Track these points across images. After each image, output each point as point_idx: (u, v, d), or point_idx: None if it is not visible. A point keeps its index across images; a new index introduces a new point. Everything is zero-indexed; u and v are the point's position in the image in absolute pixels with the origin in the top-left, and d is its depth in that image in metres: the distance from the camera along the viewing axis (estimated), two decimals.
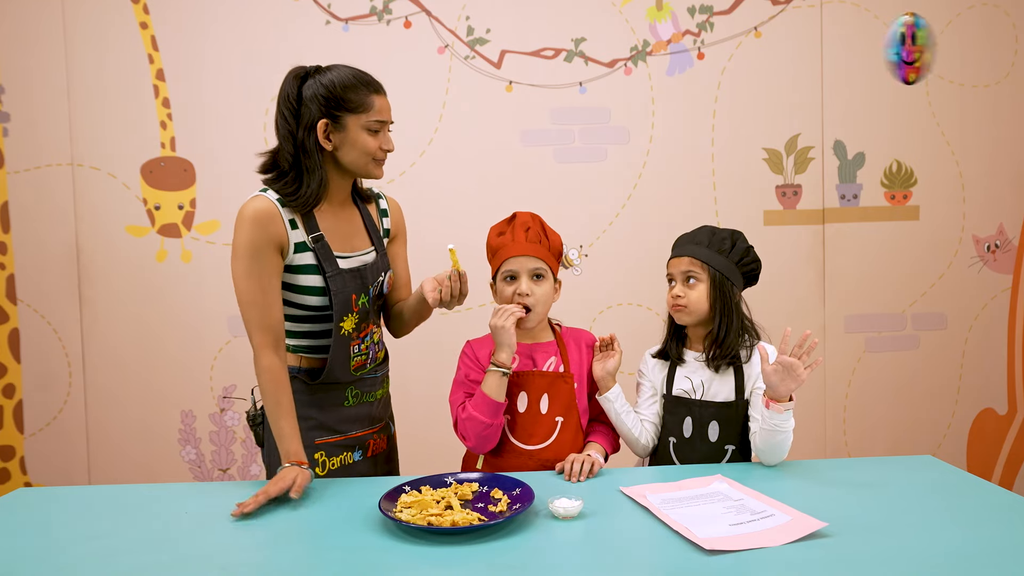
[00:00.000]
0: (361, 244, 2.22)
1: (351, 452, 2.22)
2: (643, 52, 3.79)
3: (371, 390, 2.27)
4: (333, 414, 2.19)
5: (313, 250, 2.09)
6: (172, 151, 3.69)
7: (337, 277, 2.10)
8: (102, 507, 1.92)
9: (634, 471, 2.14)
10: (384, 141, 2.12)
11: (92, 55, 3.66)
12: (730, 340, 2.17)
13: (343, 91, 2.07)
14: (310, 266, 2.09)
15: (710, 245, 2.20)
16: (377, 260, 2.22)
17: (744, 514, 1.74)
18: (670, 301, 2.22)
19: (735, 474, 2.04)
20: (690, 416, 2.19)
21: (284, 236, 2.06)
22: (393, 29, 3.71)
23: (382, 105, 2.11)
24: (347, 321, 2.13)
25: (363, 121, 2.09)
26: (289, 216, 2.07)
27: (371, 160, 2.12)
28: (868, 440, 3.96)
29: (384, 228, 2.33)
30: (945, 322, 3.96)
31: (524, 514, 1.77)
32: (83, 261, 3.69)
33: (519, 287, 2.15)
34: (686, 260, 2.20)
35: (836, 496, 1.87)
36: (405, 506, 1.77)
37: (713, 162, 3.83)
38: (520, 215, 2.21)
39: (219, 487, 2.08)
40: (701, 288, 2.18)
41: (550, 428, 2.17)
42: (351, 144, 2.09)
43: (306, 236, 2.09)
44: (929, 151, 3.89)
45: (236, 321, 3.68)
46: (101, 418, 3.75)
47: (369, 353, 2.23)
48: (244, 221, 2.03)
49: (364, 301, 2.17)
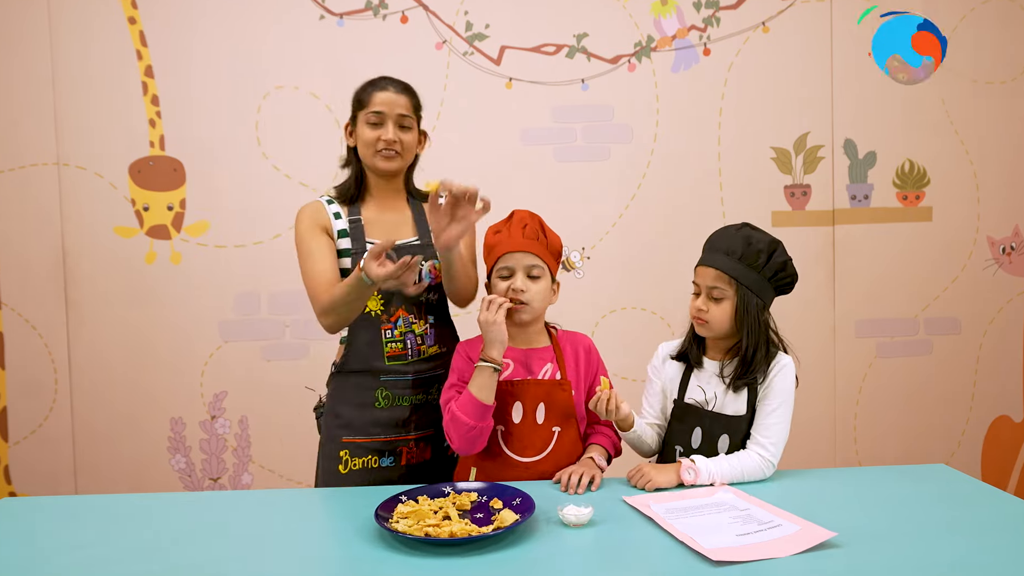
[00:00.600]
0: (406, 234, 2.37)
1: (378, 456, 2.30)
2: (647, 48, 3.79)
3: (406, 392, 2.31)
4: (362, 414, 2.30)
5: (349, 234, 2.30)
6: (161, 150, 3.69)
7: (360, 254, 2.27)
8: (89, 517, 1.92)
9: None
10: (383, 132, 2.29)
11: (78, 51, 3.66)
12: (755, 363, 2.10)
13: (358, 93, 2.37)
14: (346, 251, 2.30)
15: (743, 257, 2.08)
16: (418, 247, 2.34)
17: (751, 524, 1.74)
18: (691, 311, 2.16)
19: (741, 483, 2.04)
20: (700, 427, 2.15)
21: (329, 224, 2.32)
22: (389, 24, 3.72)
23: (383, 98, 2.31)
24: (370, 300, 2.25)
25: (365, 116, 2.32)
26: (335, 210, 2.34)
27: (374, 152, 2.31)
28: (879, 448, 3.96)
29: None
30: (959, 327, 3.96)
31: (526, 524, 1.77)
32: (69, 264, 3.69)
33: (514, 283, 2.13)
34: (713, 273, 2.10)
35: (846, 506, 1.87)
36: (402, 516, 1.76)
37: (719, 161, 3.83)
38: (518, 213, 2.20)
39: (210, 497, 2.08)
40: (725, 306, 2.10)
41: (547, 439, 2.15)
42: (359, 138, 2.34)
43: (346, 222, 2.32)
44: (943, 150, 3.89)
45: (227, 325, 3.69)
46: (88, 426, 3.75)
47: (407, 342, 2.31)
48: (301, 216, 2.33)
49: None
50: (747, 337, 2.10)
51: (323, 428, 2.39)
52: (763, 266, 2.09)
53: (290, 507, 1.96)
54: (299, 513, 1.91)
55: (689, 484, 2.02)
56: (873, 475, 2.13)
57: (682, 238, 3.73)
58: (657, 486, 2.01)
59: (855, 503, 1.89)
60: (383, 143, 2.29)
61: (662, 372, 2.28)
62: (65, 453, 3.75)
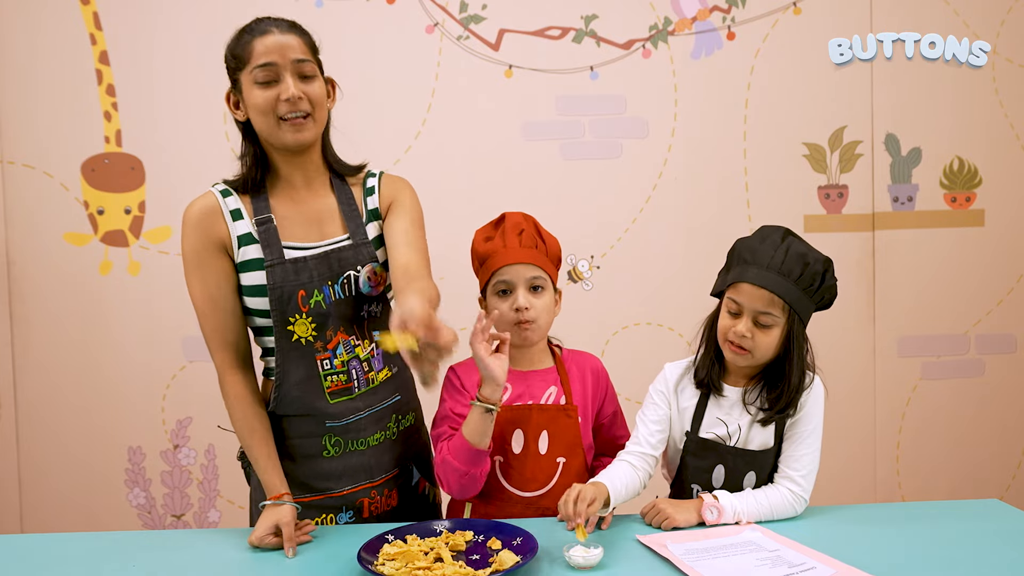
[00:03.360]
0: (333, 231, 2.11)
1: (333, 514, 2.13)
2: (664, 31, 3.81)
3: (361, 435, 2.11)
4: (309, 467, 2.10)
5: (258, 240, 2.04)
6: (118, 146, 3.70)
7: (277, 268, 2.01)
8: (37, 559, 1.93)
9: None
10: (282, 89, 1.97)
11: (23, 35, 3.67)
12: (794, 395, 2.05)
13: (231, 47, 2.04)
14: (254, 261, 2.04)
15: (801, 280, 1.99)
16: (350, 250, 2.08)
17: (781, 567, 1.74)
18: (730, 336, 2.04)
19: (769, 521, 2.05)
20: (723, 465, 2.11)
21: (225, 233, 2.05)
22: (374, 5, 3.73)
23: (268, 44, 1.97)
24: (298, 324, 2.02)
25: (249, 74, 1.99)
26: (233, 207, 2.07)
27: (275, 120, 1.99)
28: (925, 481, 3.96)
29: (368, 209, 2.17)
30: (1014, 344, 3.97)
31: (528, 566, 1.76)
32: (14, 274, 3.70)
33: (516, 300, 2.11)
34: (766, 297, 1.98)
35: (887, 546, 1.88)
36: (388, 558, 1.77)
37: (745, 159, 3.85)
38: (510, 216, 2.18)
39: (172, 536, 2.09)
40: (774, 334, 2.01)
41: (550, 471, 2.15)
42: (249, 106, 2.02)
43: (252, 224, 2.06)
44: (996, 146, 3.91)
45: (192, 343, 3.69)
46: (35, 457, 3.75)
47: (352, 373, 2.09)
48: (184, 226, 2.06)
49: (319, 299, 2.02)
50: (791, 364, 2.04)
51: (257, 483, 2.11)
52: (816, 288, 2.03)
53: (263, 548, 1.96)
54: (273, 554, 1.91)
55: (711, 524, 2.01)
56: (918, 511, 2.13)
57: (703, 245, 3.73)
58: (675, 524, 2.00)
59: (898, 543, 1.89)
60: (285, 104, 1.96)
61: (674, 400, 2.18)
62: (10, 488, 3.75)
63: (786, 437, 2.09)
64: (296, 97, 1.96)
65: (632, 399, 3.34)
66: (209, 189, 2.11)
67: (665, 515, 2.01)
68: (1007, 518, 2.06)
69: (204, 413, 3.74)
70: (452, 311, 2.43)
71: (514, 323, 2.12)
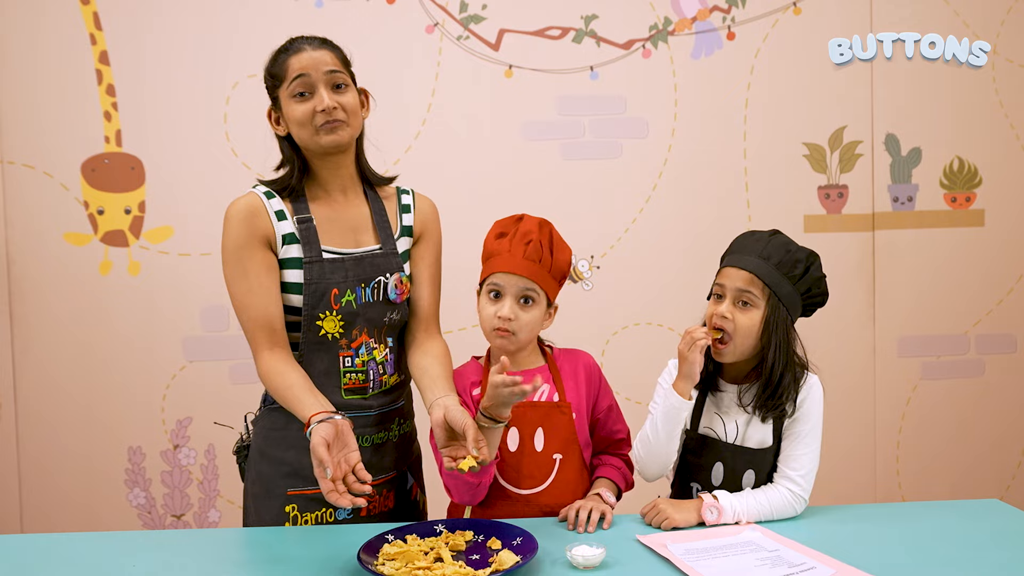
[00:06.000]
0: (367, 240, 2.22)
1: (333, 509, 2.14)
2: (664, 31, 3.81)
3: (365, 431, 2.15)
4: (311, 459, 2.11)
5: (299, 239, 2.13)
6: (118, 146, 3.70)
7: (315, 265, 2.10)
8: (37, 559, 1.93)
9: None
10: (317, 101, 2.08)
11: (23, 35, 3.66)
12: (782, 386, 2.07)
13: (269, 68, 2.17)
14: (294, 260, 2.12)
15: (780, 265, 2.07)
16: (381, 257, 2.19)
17: (781, 567, 1.75)
18: (714, 320, 2.09)
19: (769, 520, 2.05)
20: (722, 463, 2.13)
21: (270, 230, 2.12)
22: (374, 5, 3.73)
23: (302, 61, 2.10)
24: (327, 320, 2.11)
25: (287, 90, 2.12)
26: (277, 207, 2.14)
27: (312, 129, 2.10)
28: (924, 481, 3.96)
29: (403, 225, 2.28)
30: (1015, 344, 3.97)
31: (528, 566, 1.77)
32: (14, 274, 3.70)
33: (501, 308, 2.10)
34: (745, 276, 2.07)
35: (887, 546, 1.88)
36: (388, 558, 1.77)
37: (745, 159, 3.85)
38: (527, 221, 2.15)
39: (172, 536, 2.09)
40: (754, 316, 2.06)
41: (547, 468, 2.15)
42: (289, 120, 2.13)
43: (293, 223, 2.14)
44: (996, 146, 3.91)
45: (192, 343, 3.69)
46: (35, 457, 3.75)
47: (369, 373, 2.17)
48: (227, 221, 2.12)
49: (351, 299, 2.12)
50: (773, 353, 2.07)
51: (256, 477, 2.21)
52: (799, 278, 2.08)
53: (262, 547, 1.96)
54: (272, 554, 1.91)
55: (711, 524, 2.02)
56: (918, 511, 2.13)
57: (703, 245, 3.71)
58: (675, 524, 2.01)
59: (897, 543, 1.90)
60: (321, 115, 2.07)
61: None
62: (10, 488, 3.75)
63: (785, 437, 2.10)
64: (331, 107, 2.08)
65: (632, 399, 3.34)
66: (251, 190, 2.17)
67: (665, 515, 2.02)
68: (1007, 518, 2.06)
69: (204, 413, 3.73)
70: (449, 311, 2.45)
71: (492, 328, 2.13)
